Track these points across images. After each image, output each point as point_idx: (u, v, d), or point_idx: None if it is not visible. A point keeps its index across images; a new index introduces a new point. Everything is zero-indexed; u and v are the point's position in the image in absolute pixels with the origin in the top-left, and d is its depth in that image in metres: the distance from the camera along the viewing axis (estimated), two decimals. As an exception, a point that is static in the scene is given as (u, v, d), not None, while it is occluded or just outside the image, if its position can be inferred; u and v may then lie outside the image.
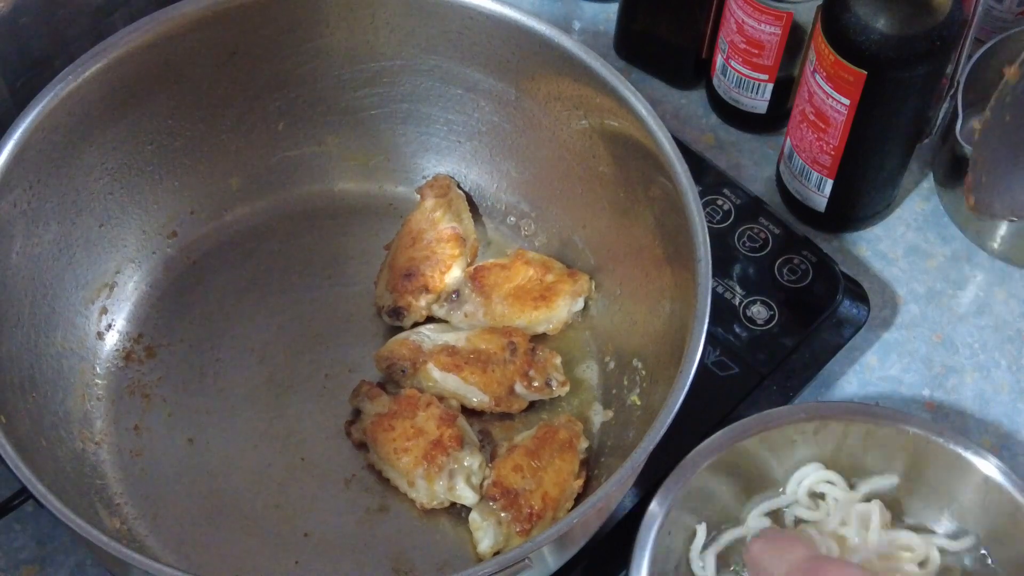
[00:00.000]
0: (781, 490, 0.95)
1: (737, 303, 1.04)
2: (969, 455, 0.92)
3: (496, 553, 0.92)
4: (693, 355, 0.84)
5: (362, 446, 0.97)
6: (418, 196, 1.05)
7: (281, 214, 1.06)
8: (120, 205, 0.99)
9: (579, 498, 0.93)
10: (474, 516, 0.93)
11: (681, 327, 0.88)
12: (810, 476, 0.94)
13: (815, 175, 1.06)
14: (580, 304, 1.01)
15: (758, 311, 1.03)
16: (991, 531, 0.93)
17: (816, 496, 0.95)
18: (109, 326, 1.00)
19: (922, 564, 0.92)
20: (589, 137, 0.98)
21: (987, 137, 0.88)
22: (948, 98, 1.06)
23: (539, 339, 1.01)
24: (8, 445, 0.81)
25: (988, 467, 0.92)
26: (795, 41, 1.06)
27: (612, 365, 0.99)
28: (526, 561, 0.80)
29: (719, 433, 0.92)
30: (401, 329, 1.01)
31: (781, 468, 0.95)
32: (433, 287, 1.01)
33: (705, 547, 0.92)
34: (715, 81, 1.13)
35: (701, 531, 0.92)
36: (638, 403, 0.95)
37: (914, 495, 0.95)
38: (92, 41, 0.93)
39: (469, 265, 1.03)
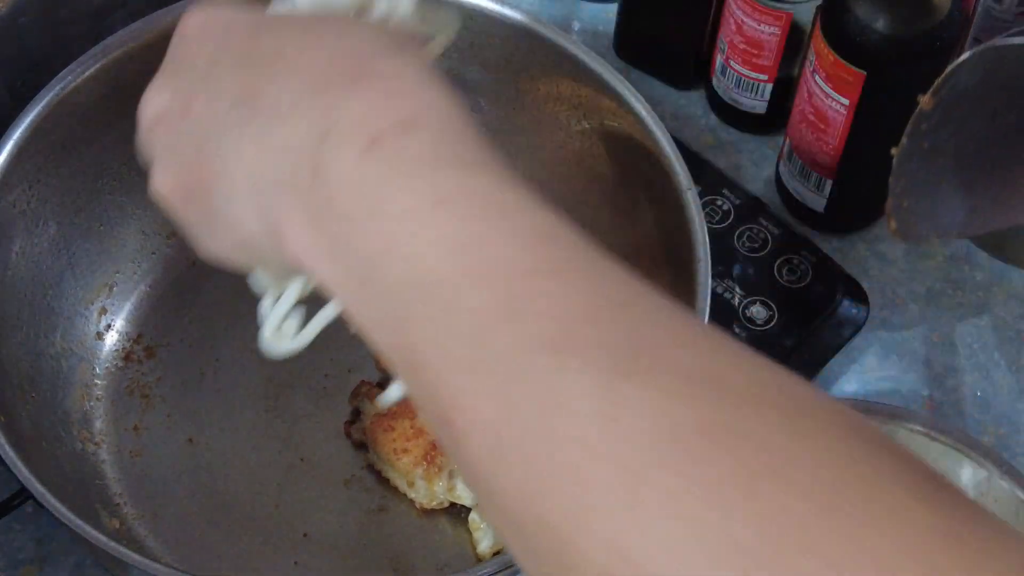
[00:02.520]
0: None
1: (736, 303, 1.04)
2: (972, 453, 0.92)
3: (496, 553, 0.92)
4: (693, 355, 0.84)
5: (362, 446, 0.97)
6: (418, 196, 1.05)
7: (281, 214, 1.06)
8: (120, 205, 0.99)
9: (579, 498, 0.93)
10: (474, 516, 0.93)
11: (681, 327, 0.88)
12: None
13: (815, 175, 1.06)
14: (580, 304, 1.01)
15: (758, 311, 1.03)
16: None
17: None
18: (109, 326, 1.00)
19: None
20: (589, 137, 0.98)
21: (904, 163, 0.88)
22: (948, 98, 1.06)
23: (539, 339, 1.01)
24: (8, 445, 0.81)
25: (991, 466, 0.92)
26: (795, 41, 1.06)
27: (612, 365, 0.99)
28: (526, 561, 0.80)
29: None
30: (401, 329, 1.01)
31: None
32: (433, 287, 1.01)
33: None
34: (714, 81, 1.13)
35: None
36: (638, 403, 0.95)
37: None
38: (92, 41, 0.93)
39: (469, 265, 1.03)
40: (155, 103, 0.62)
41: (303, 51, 0.55)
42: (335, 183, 0.51)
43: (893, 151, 0.87)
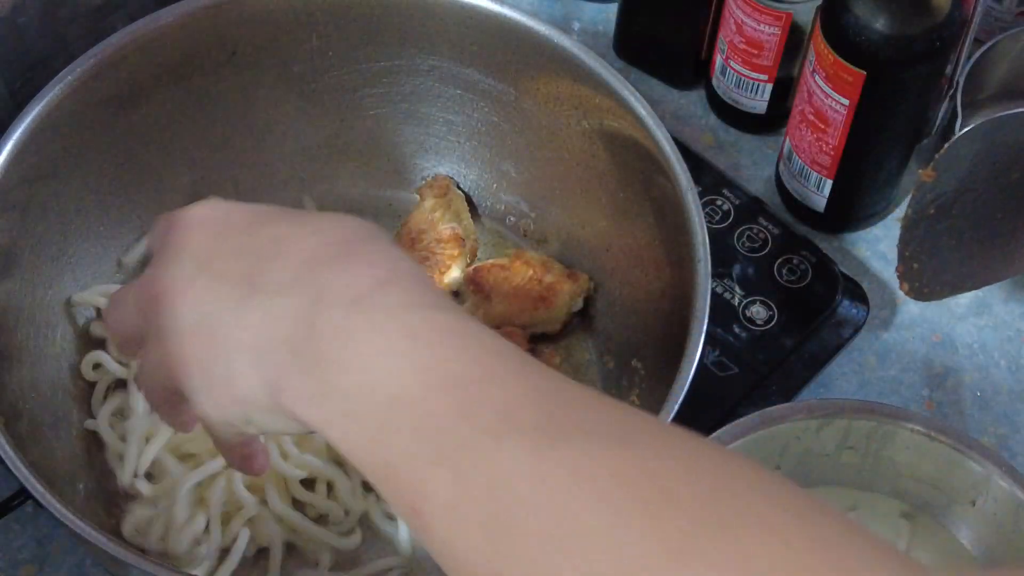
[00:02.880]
0: None
1: (736, 303, 1.04)
2: (972, 453, 0.92)
3: (496, 553, 0.92)
4: (692, 355, 0.84)
5: (362, 446, 0.96)
6: (417, 196, 1.06)
7: (281, 214, 1.06)
8: (120, 205, 0.99)
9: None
10: (474, 516, 0.93)
11: (681, 327, 0.88)
12: None
13: (814, 175, 1.06)
14: (579, 304, 1.01)
15: (757, 311, 1.03)
16: (993, 530, 0.93)
17: None
18: (109, 326, 1.00)
19: None
20: (589, 137, 0.98)
21: (912, 230, 0.93)
22: (948, 98, 1.06)
23: (538, 339, 1.01)
24: (8, 445, 0.81)
25: (991, 466, 0.92)
26: (795, 41, 1.06)
27: (612, 365, 0.99)
28: (526, 561, 0.80)
29: (720, 431, 0.92)
30: (401, 329, 1.01)
31: (781, 467, 0.95)
32: (433, 287, 1.01)
33: None
34: (714, 81, 1.13)
35: None
36: (638, 403, 0.95)
37: (914, 493, 0.95)
38: (92, 41, 0.93)
39: (468, 265, 1.03)
40: (154, 286, 0.69)
41: (298, 239, 0.66)
42: (326, 337, 0.61)
43: (899, 220, 0.90)
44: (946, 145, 0.89)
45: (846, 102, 0.99)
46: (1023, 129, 0.91)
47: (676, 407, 0.82)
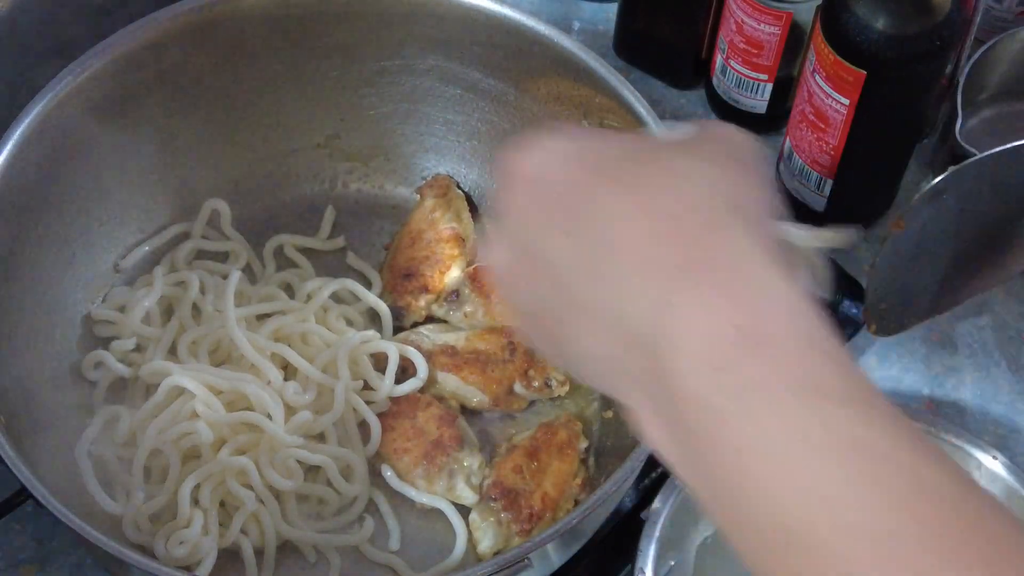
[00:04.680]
0: None
1: (737, 303, 1.03)
2: (974, 451, 0.92)
3: (496, 553, 0.92)
4: (693, 355, 0.84)
5: (362, 446, 0.97)
6: (418, 196, 1.06)
7: (281, 214, 1.06)
8: (120, 205, 0.99)
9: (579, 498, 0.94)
10: (474, 516, 0.93)
11: (681, 327, 0.88)
12: None
13: (815, 175, 1.06)
14: (580, 304, 1.01)
15: (758, 311, 1.03)
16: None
17: None
18: (109, 326, 1.00)
19: None
20: (589, 137, 0.98)
21: (879, 277, 0.94)
22: (948, 98, 1.06)
23: (539, 339, 1.01)
24: (8, 445, 0.81)
25: (992, 463, 0.92)
26: (795, 41, 1.06)
27: (612, 365, 0.99)
28: (525, 561, 0.80)
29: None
30: (401, 329, 1.01)
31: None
32: (432, 287, 1.01)
33: None
34: (714, 81, 1.14)
35: None
36: (638, 403, 0.95)
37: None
38: (92, 41, 0.93)
39: (469, 265, 1.03)
40: (499, 258, 0.60)
41: (626, 224, 0.52)
42: (680, 396, 0.49)
43: (866, 268, 0.91)
44: (913, 199, 0.91)
45: (846, 102, 0.99)
46: (983, 172, 0.92)
47: (676, 407, 0.82)
